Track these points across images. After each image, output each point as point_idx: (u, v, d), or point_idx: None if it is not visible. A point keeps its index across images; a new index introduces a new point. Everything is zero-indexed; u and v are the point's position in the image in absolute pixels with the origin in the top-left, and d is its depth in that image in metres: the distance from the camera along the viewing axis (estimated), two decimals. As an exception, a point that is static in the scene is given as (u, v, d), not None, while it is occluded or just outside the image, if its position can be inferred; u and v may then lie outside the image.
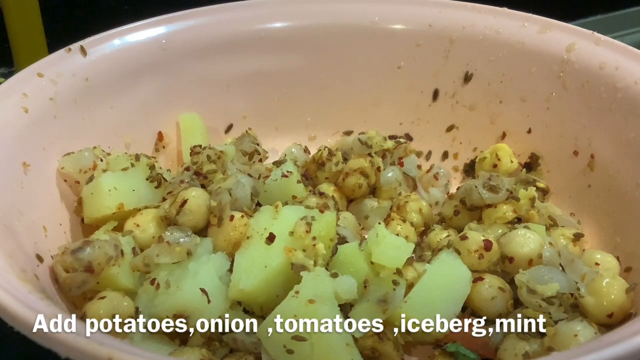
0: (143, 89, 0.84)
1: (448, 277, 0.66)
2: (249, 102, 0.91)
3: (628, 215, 0.72)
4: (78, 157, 0.73)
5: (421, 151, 0.92)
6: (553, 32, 0.83)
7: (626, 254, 0.71)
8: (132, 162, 0.73)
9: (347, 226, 0.74)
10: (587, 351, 0.46)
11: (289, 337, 0.57)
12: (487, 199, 0.74)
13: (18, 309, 0.47)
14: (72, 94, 0.76)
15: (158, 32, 0.85)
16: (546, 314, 0.62)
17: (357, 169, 0.80)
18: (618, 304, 0.61)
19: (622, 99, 0.75)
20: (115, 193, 0.70)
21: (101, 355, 0.44)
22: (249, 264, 0.63)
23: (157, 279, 0.62)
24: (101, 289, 0.62)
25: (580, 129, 0.80)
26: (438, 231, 0.77)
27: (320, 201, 0.76)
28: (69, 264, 0.61)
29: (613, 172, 0.75)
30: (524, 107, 0.85)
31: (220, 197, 0.68)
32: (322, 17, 0.90)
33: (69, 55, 0.78)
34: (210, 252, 0.66)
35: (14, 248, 0.59)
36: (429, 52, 0.89)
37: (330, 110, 0.93)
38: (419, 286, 0.64)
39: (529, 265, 0.67)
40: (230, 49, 0.88)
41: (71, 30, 0.84)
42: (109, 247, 0.62)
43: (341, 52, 0.90)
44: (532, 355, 0.60)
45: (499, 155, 0.83)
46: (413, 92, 0.91)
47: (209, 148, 0.77)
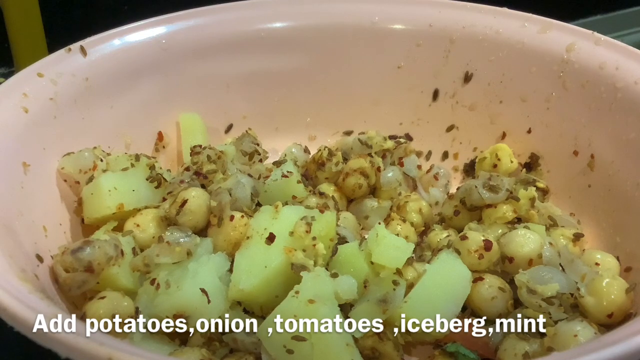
0: (143, 89, 0.84)
1: (448, 277, 0.66)
2: (249, 102, 0.91)
3: (628, 215, 0.72)
4: (78, 157, 0.73)
5: (421, 151, 0.92)
6: (553, 32, 0.83)
7: (626, 254, 0.71)
8: (132, 162, 0.73)
9: (347, 226, 0.74)
10: (587, 351, 0.46)
11: (289, 337, 0.57)
12: (487, 199, 0.74)
13: (18, 309, 0.47)
14: (72, 94, 0.76)
15: (158, 32, 0.85)
16: (546, 314, 0.62)
17: (357, 169, 0.80)
18: (618, 304, 0.61)
19: (622, 99, 0.75)
20: (115, 193, 0.70)
21: (101, 355, 0.44)
22: (249, 264, 0.63)
23: (157, 279, 0.62)
24: (101, 289, 0.62)
25: (580, 129, 0.80)
26: (438, 231, 0.77)
27: (320, 201, 0.77)
28: (69, 264, 0.61)
29: (613, 172, 0.75)
30: (524, 107, 0.85)
31: (220, 197, 0.68)
32: (322, 17, 0.90)
33: (69, 55, 0.78)
34: (210, 252, 0.66)
35: (14, 248, 0.59)
36: (429, 52, 0.89)
37: (330, 110, 0.93)
38: (419, 286, 0.64)
39: (529, 265, 0.66)
40: (230, 49, 0.88)
41: (71, 30, 0.84)
42: (109, 247, 0.62)
43: (341, 52, 0.90)
44: (532, 355, 0.60)
45: (499, 155, 0.83)
46: (413, 92, 0.91)
47: (209, 148, 0.77)
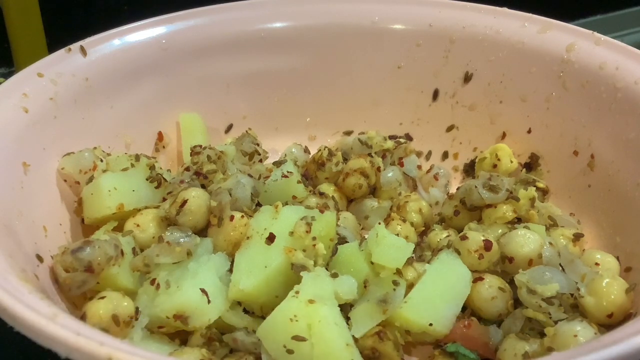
0: (143, 89, 0.84)
1: (448, 278, 0.66)
2: (249, 102, 0.91)
3: (628, 215, 0.72)
4: (78, 157, 0.73)
5: (421, 151, 0.92)
6: (553, 32, 0.83)
7: (626, 254, 0.71)
8: (132, 163, 0.73)
9: (347, 226, 0.74)
10: (587, 351, 0.46)
11: (289, 337, 0.57)
12: (487, 199, 0.73)
13: (18, 309, 0.47)
14: (72, 94, 0.76)
15: (158, 32, 0.85)
16: (546, 314, 0.62)
17: (357, 169, 0.80)
18: (618, 304, 0.61)
19: (622, 99, 0.75)
20: (115, 193, 0.70)
21: (101, 355, 0.44)
22: (249, 264, 0.63)
23: (157, 279, 0.62)
24: (101, 289, 0.62)
25: (580, 129, 0.80)
26: (438, 231, 0.77)
27: (320, 201, 0.77)
28: (69, 264, 0.61)
29: (613, 172, 0.75)
30: (524, 107, 0.85)
31: (220, 197, 0.68)
32: (322, 17, 0.90)
33: (69, 55, 0.78)
34: (210, 252, 0.66)
35: (14, 248, 0.59)
36: (429, 52, 0.89)
37: (330, 110, 0.93)
38: (419, 286, 0.65)
39: (529, 265, 0.66)
40: (230, 49, 0.88)
41: (71, 30, 0.84)
42: (109, 247, 0.62)
43: (341, 52, 0.90)
44: (532, 355, 0.60)
45: (499, 155, 0.83)
46: (413, 92, 0.91)
47: (209, 148, 0.77)
